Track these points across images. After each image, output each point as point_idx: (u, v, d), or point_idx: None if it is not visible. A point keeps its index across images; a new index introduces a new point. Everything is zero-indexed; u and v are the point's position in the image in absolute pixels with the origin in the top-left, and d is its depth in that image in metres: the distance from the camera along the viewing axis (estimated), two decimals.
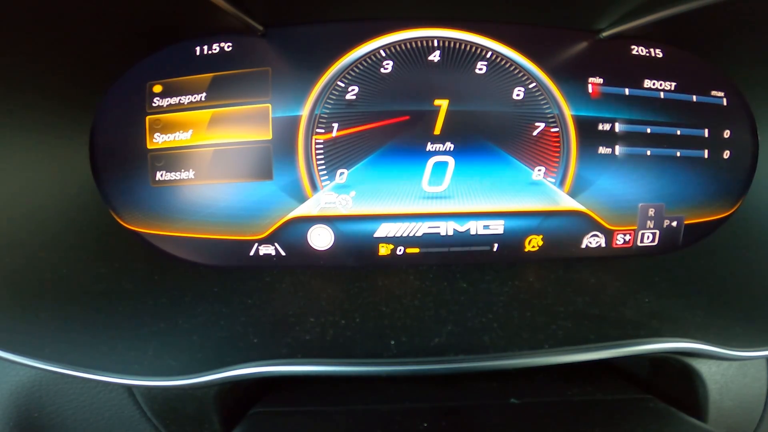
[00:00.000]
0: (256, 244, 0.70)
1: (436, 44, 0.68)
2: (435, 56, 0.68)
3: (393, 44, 0.68)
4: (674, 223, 0.73)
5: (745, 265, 0.67)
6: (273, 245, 0.70)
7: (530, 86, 0.69)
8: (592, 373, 0.57)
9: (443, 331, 0.52)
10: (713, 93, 0.72)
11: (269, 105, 0.67)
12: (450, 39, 0.68)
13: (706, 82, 0.72)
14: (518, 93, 0.69)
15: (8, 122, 0.57)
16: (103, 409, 0.53)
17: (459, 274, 0.67)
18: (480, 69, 0.69)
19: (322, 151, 0.68)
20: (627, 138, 0.71)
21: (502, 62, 0.69)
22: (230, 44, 0.67)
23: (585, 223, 0.72)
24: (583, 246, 0.73)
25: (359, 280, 0.66)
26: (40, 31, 0.55)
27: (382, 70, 0.68)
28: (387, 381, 0.53)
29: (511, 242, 0.71)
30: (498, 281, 0.66)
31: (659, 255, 0.74)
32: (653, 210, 0.72)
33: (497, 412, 0.48)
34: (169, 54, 0.68)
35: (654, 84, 0.71)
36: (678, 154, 0.72)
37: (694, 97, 0.72)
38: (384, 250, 0.71)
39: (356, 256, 0.71)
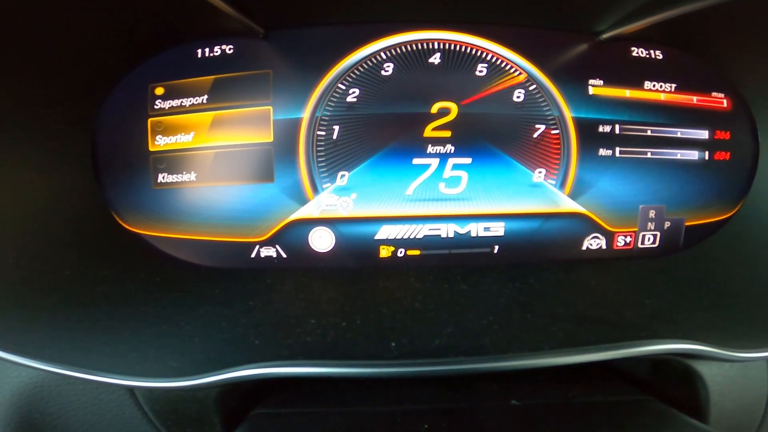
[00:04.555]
0: (257, 246, 0.70)
1: (436, 47, 0.68)
2: (435, 58, 0.69)
3: (393, 46, 0.68)
4: (675, 225, 0.73)
5: (745, 267, 0.67)
6: (274, 247, 0.70)
7: (530, 88, 0.69)
8: (593, 375, 0.57)
9: (444, 332, 0.52)
10: (714, 94, 0.72)
11: (270, 107, 0.67)
12: (450, 41, 0.69)
13: (707, 84, 0.72)
14: (518, 95, 0.69)
15: (10, 125, 0.57)
16: (105, 411, 0.53)
17: (459, 276, 0.68)
18: (480, 71, 0.69)
19: (323, 154, 0.68)
20: (627, 140, 0.71)
21: (503, 64, 0.69)
22: (231, 47, 0.68)
23: (586, 225, 0.72)
24: (584, 248, 0.73)
25: (360, 282, 0.66)
26: (41, 34, 0.55)
27: (382, 72, 0.68)
28: (388, 382, 0.54)
29: (511, 244, 0.71)
30: (498, 283, 0.66)
31: (660, 257, 0.74)
32: (654, 212, 0.72)
33: (498, 413, 0.48)
34: (171, 56, 0.68)
35: (654, 86, 0.71)
36: (678, 155, 0.72)
37: (695, 99, 0.72)
38: (385, 252, 0.71)
39: (357, 258, 0.71)
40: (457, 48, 0.69)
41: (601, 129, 0.70)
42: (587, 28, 0.69)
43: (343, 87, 0.68)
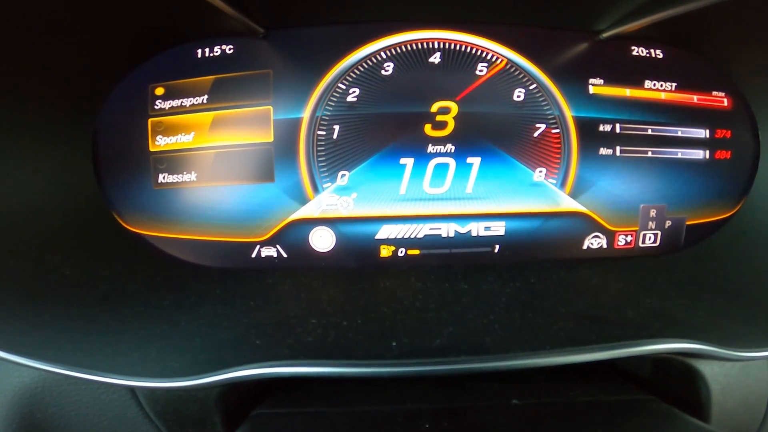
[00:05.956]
0: (257, 246, 0.70)
1: (436, 46, 0.68)
2: (435, 58, 0.69)
3: (393, 46, 0.68)
4: (676, 224, 0.73)
5: (747, 266, 0.67)
6: (275, 247, 0.70)
7: (531, 87, 0.69)
8: (594, 374, 0.57)
9: (445, 332, 0.52)
10: (714, 93, 0.72)
11: (271, 107, 0.67)
12: (450, 41, 0.69)
13: (707, 83, 0.72)
14: (519, 94, 0.69)
15: (10, 125, 0.57)
16: (106, 411, 0.53)
17: (460, 275, 0.68)
18: (480, 71, 0.69)
19: (323, 153, 0.68)
20: (628, 139, 0.71)
21: (503, 63, 0.69)
22: (231, 47, 0.68)
23: (586, 224, 0.72)
24: (585, 247, 0.73)
25: (361, 281, 0.66)
26: (42, 34, 0.55)
27: (382, 72, 0.68)
28: (389, 382, 0.54)
29: (512, 243, 0.71)
30: (499, 282, 0.66)
31: (661, 256, 0.73)
32: (655, 211, 0.72)
33: (499, 413, 0.48)
34: (171, 56, 0.68)
35: (655, 85, 0.71)
36: (679, 154, 0.72)
37: (695, 98, 0.72)
38: (385, 251, 0.71)
39: (358, 258, 0.71)
40: (457, 47, 0.69)
41: (601, 128, 0.70)
42: (587, 27, 0.69)
43: (344, 87, 0.68)
